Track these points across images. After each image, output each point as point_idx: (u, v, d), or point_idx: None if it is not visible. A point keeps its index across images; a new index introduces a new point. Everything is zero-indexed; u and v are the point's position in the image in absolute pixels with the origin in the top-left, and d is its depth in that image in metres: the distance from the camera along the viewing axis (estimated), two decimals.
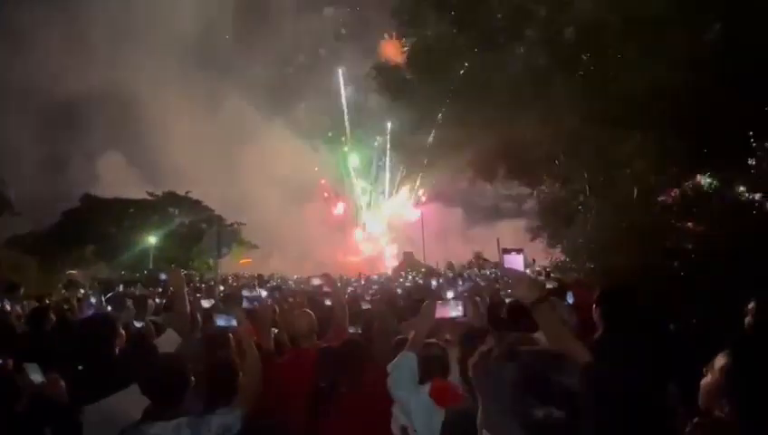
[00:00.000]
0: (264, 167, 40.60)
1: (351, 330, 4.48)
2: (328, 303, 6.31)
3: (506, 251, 2.74)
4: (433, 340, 3.47)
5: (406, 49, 7.93)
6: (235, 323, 3.35)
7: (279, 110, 45.95)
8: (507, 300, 4.40)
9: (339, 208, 49.86)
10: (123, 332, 3.52)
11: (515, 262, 2.77)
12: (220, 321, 3.42)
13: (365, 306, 6.54)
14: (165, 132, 38.86)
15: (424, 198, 47.15)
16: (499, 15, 6.54)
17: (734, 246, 5.87)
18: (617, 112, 5.53)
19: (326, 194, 50.27)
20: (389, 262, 46.44)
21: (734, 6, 5.02)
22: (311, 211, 44.50)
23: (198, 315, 4.94)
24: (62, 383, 2.82)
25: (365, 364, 3.39)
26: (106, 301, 8.66)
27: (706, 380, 1.74)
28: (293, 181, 43.09)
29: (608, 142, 5.87)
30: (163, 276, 6.63)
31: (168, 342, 3.56)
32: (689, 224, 7.03)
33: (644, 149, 5.68)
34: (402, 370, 2.99)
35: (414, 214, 48.08)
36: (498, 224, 42.28)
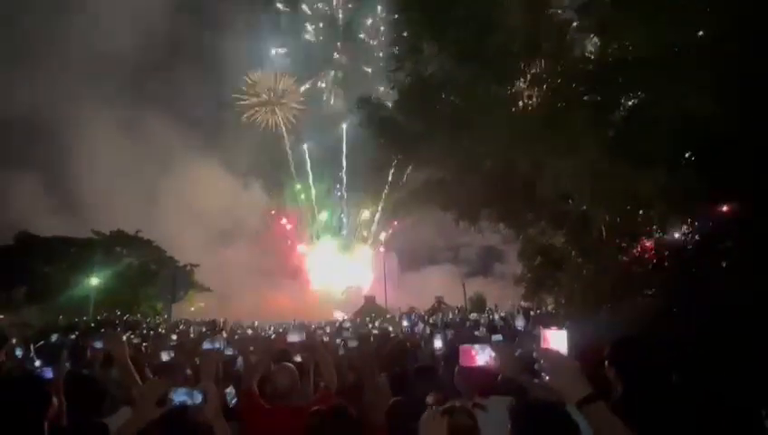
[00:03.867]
0: (199, 204, 39.47)
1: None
2: (297, 359, 5.58)
3: (544, 324, 2.19)
4: (457, 403, 2.81)
5: (393, 85, 7.81)
6: (199, 399, 2.42)
7: (215, 147, 45.61)
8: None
9: (300, 249, 48.99)
10: (56, 399, 2.66)
11: (557, 341, 2.19)
12: (178, 396, 2.40)
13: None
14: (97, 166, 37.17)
15: (383, 241, 47.33)
16: (512, 48, 6.44)
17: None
18: (641, 145, 5.43)
19: (284, 220, 49.43)
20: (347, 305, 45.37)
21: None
22: (259, 253, 43.31)
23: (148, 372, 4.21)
24: None
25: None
26: (35, 352, 7.38)
27: None
28: (239, 219, 42.28)
29: (632, 179, 5.71)
30: (98, 345, 5.49)
31: (123, 419, 2.66)
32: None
33: (669, 187, 5.55)
34: None
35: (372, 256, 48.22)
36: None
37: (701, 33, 5.32)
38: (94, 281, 28.26)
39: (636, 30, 5.47)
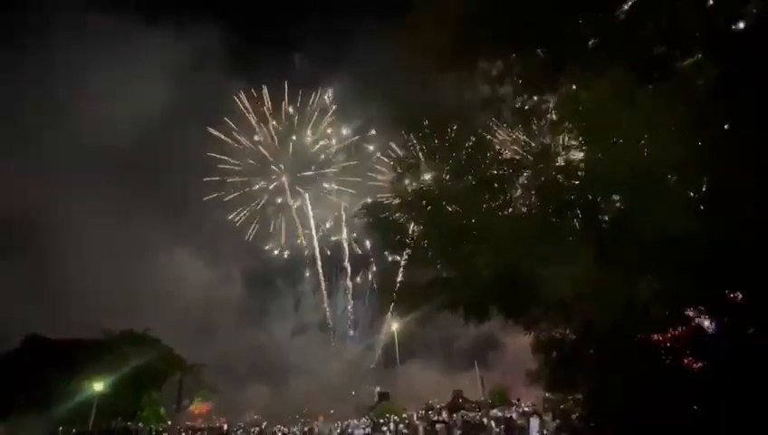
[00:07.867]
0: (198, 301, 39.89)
1: None
2: None
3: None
4: None
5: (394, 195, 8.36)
6: None
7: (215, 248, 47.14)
8: None
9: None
10: None
11: None
12: None
13: None
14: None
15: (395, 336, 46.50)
16: (494, 167, 7.04)
17: None
18: (629, 256, 5.63)
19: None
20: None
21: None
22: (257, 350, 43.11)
23: None
24: None
25: None
26: None
27: None
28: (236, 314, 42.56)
29: (626, 285, 5.83)
30: None
31: None
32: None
33: (661, 293, 5.66)
34: None
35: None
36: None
37: (679, 152, 5.67)
38: (98, 386, 27.39)
39: (615, 146, 5.95)
